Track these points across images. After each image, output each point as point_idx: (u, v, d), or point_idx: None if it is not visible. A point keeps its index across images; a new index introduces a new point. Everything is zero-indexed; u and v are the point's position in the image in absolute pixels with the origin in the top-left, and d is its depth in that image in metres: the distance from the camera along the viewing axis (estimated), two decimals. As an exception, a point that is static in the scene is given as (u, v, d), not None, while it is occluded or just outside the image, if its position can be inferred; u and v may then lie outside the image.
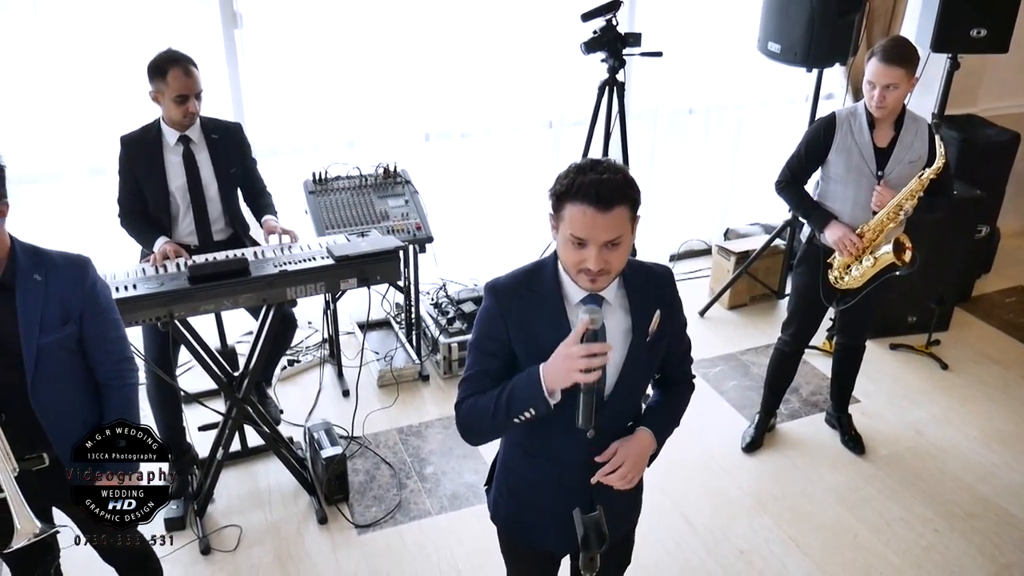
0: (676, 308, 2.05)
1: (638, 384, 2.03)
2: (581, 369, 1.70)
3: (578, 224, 1.77)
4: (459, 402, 1.97)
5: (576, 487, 2.02)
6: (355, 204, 3.98)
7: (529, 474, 2.10)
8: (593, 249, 1.77)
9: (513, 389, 1.84)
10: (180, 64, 3.15)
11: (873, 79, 3.11)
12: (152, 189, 3.30)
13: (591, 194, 1.74)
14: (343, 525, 3.42)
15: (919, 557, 3.31)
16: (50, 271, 2.18)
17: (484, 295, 1.99)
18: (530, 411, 1.80)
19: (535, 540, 2.16)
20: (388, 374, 4.22)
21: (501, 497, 2.19)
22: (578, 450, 1.98)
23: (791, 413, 4.11)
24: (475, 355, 1.97)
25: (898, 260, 3.19)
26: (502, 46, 4.43)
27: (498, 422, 1.85)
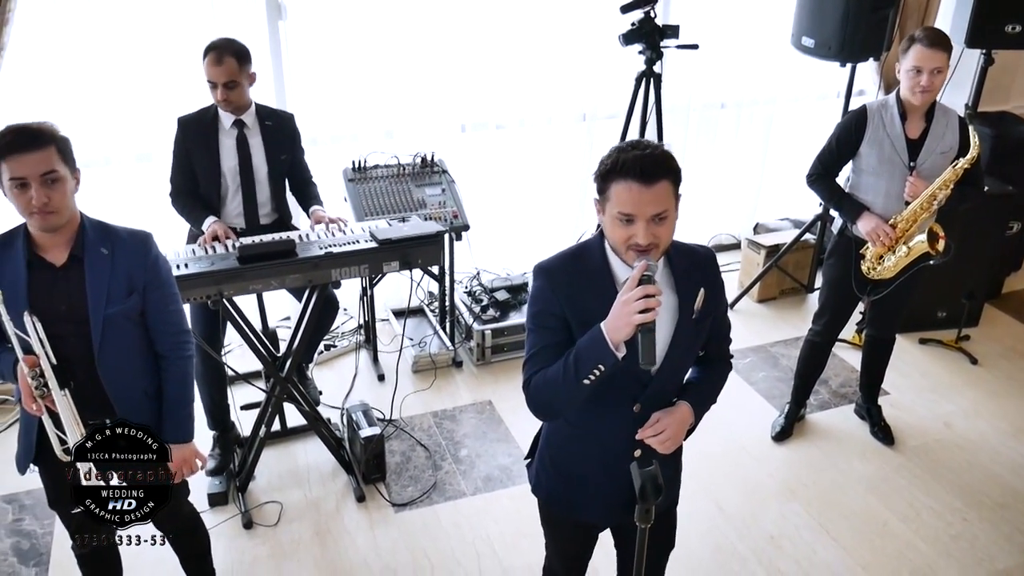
0: (719, 288, 2.11)
1: (683, 362, 2.09)
2: (639, 310, 1.76)
3: (624, 200, 1.83)
4: (527, 380, 2.02)
5: (619, 461, 2.08)
6: (393, 192, 4.06)
7: (573, 448, 2.17)
8: (641, 224, 1.83)
9: (578, 352, 1.89)
10: (212, 52, 3.25)
11: (920, 64, 3.14)
12: (204, 169, 3.41)
13: (635, 169, 1.81)
14: (380, 503, 3.50)
15: (948, 545, 3.34)
16: (116, 245, 2.28)
17: (533, 277, 2.05)
18: (599, 368, 1.84)
19: (576, 512, 2.23)
20: (423, 360, 4.30)
21: (544, 470, 2.26)
22: (623, 426, 2.05)
23: (820, 404, 4.15)
24: (535, 334, 2.02)
25: (932, 249, 3.23)
26: (537, 39, 4.50)
27: (569, 386, 1.89)
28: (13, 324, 2.16)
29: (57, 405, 2.17)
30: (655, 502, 1.52)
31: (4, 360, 2.24)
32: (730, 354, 2.28)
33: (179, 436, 2.41)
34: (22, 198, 2.10)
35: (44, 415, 2.19)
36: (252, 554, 3.25)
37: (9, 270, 2.19)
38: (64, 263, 2.23)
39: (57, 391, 2.16)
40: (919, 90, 3.18)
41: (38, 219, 2.14)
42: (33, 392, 2.15)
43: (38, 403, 2.17)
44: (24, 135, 2.09)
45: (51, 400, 2.17)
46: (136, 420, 2.32)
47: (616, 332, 1.81)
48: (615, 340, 1.81)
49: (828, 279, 3.68)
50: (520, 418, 4.01)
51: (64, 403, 2.17)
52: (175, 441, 2.39)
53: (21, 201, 2.11)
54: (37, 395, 2.15)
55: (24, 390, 2.17)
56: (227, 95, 3.27)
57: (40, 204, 2.10)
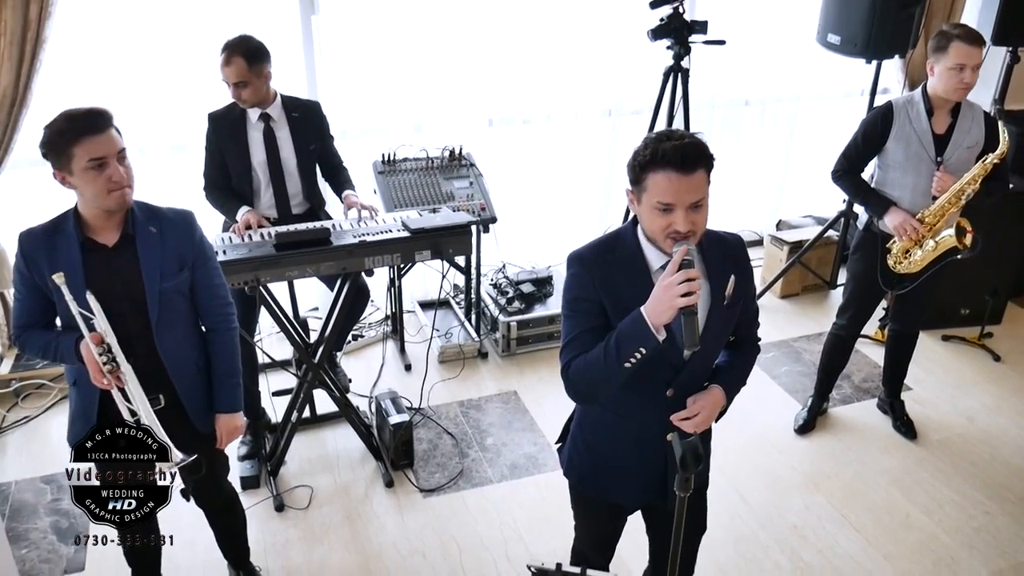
0: (748, 274, 2.16)
1: (715, 347, 2.14)
2: (682, 294, 1.80)
3: (664, 189, 1.87)
4: (566, 366, 2.06)
5: (652, 444, 2.14)
6: (422, 184, 4.13)
7: (606, 431, 2.22)
8: (680, 212, 1.87)
9: (620, 335, 1.93)
10: (223, 53, 3.32)
11: (963, 61, 3.16)
12: (235, 164, 3.48)
13: (675, 159, 1.84)
14: (408, 489, 3.57)
15: (970, 537, 3.37)
16: (163, 223, 2.36)
17: (568, 265, 2.09)
18: (640, 351, 1.89)
19: (608, 493, 2.28)
20: (449, 350, 4.36)
21: (576, 452, 2.31)
22: (656, 410, 2.10)
23: (843, 398, 4.18)
24: (572, 319, 2.07)
25: (960, 243, 3.26)
26: (563, 35, 4.56)
27: (610, 370, 1.94)
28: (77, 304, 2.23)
29: (126, 378, 2.25)
30: (695, 471, 1.58)
31: (63, 343, 2.31)
32: (758, 337, 2.32)
33: (230, 406, 2.50)
34: (100, 178, 2.17)
35: (113, 390, 2.26)
36: (284, 536, 3.32)
37: (64, 254, 2.26)
38: (116, 243, 2.31)
39: (125, 365, 2.23)
40: (961, 87, 3.20)
41: (117, 196, 2.21)
42: (102, 368, 2.22)
43: (108, 378, 2.24)
44: (95, 117, 2.16)
45: (118, 375, 2.24)
46: (190, 393, 2.43)
47: (658, 316, 1.86)
48: (656, 323, 1.86)
49: (853, 274, 3.71)
50: (545, 408, 4.07)
51: (132, 376, 2.25)
52: (227, 411, 2.49)
53: (98, 181, 2.17)
54: (106, 370, 2.22)
55: (92, 367, 2.24)
56: (239, 94, 3.35)
57: (120, 179, 2.18)
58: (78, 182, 2.19)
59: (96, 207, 2.24)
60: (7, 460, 3.71)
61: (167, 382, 2.40)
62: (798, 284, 5.09)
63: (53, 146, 2.17)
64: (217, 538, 2.98)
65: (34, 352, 2.41)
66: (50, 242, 2.28)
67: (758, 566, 3.22)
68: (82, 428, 2.44)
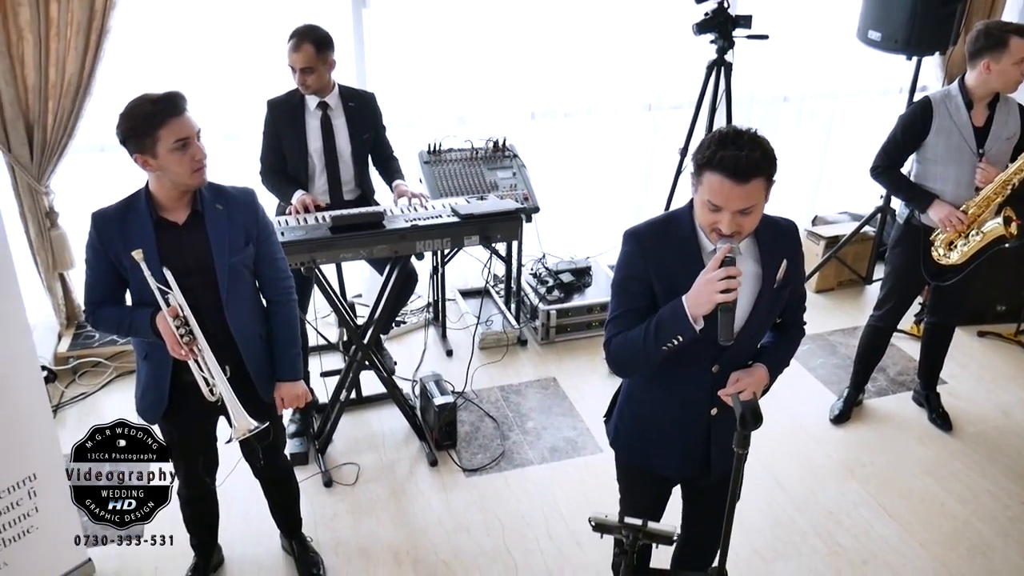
0: (799, 259, 2.23)
1: (762, 326, 2.21)
2: (720, 290, 1.89)
3: (715, 192, 1.93)
4: (608, 340, 2.17)
5: (697, 418, 2.23)
6: (466, 174, 4.23)
7: (654, 404, 2.30)
8: (727, 215, 1.93)
9: (659, 320, 2.03)
10: (292, 39, 3.45)
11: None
12: (292, 149, 3.60)
13: (729, 168, 1.90)
14: (452, 468, 3.67)
15: (1005, 526, 3.41)
16: (229, 201, 2.48)
17: (624, 242, 2.17)
18: (677, 338, 1.98)
19: (653, 464, 2.36)
20: (490, 337, 4.47)
21: (623, 424, 2.40)
22: (701, 384, 2.18)
23: (878, 391, 4.23)
24: (620, 297, 2.16)
25: (1007, 232, 3.31)
26: (604, 30, 4.64)
27: (648, 351, 2.04)
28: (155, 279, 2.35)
29: (201, 349, 2.37)
30: (754, 428, 1.66)
31: (138, 318, 2.43)
32: (804, 321, 2.39)
33: (292, 374, 2.62)
34: (185, 157, 2.30)
35: (190, 360, 2.39)
36: (333, 510, 3.44)
37: (138, 232, 2.38)
38: (185, 221, 2.43)
39: (201, 336, 2.36)
40: (1021, 80, 3.28)
41: (199, 175, 2.35)
42: (180, 339, 2.34)
43: (185, 349, 2.36)
44: (178, 99, 2.29)
45: (194, 346, 2.36)
46: (255, 362, 2.56)
47: (697, 307, 1.94)
48: (695, 314, 1.95)
49: (894, 267, 3.75)
50: (584, 394, 4.16)
51: (206, 347, 2.37)
52: (289, 379, 2.62)
53: (184, 160, 2.30)
54: (184, 342, 2.35)
55: (170, 339, 2.37)
56: (304, 79, 3.46)
57: (203, 157, 2.32)
58: (163, 163, 2.30)
59: (178, 186, 2.36)
60: (66, 433, 3.83)
61: (234, 353, 2.52)
62: (834, 279, 5.14)
63: (138, 130, 2.27)
64: (272, 509, 3.10)
65: (107, 327, 2.54)
66: (123, 221, 2.40)
67: (795, 549, 3.29)
68: (153, 398, 2.57)
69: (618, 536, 1.82)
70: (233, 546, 3.23)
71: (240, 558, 3.20)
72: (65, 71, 3.77)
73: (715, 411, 2.19)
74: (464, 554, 3.23)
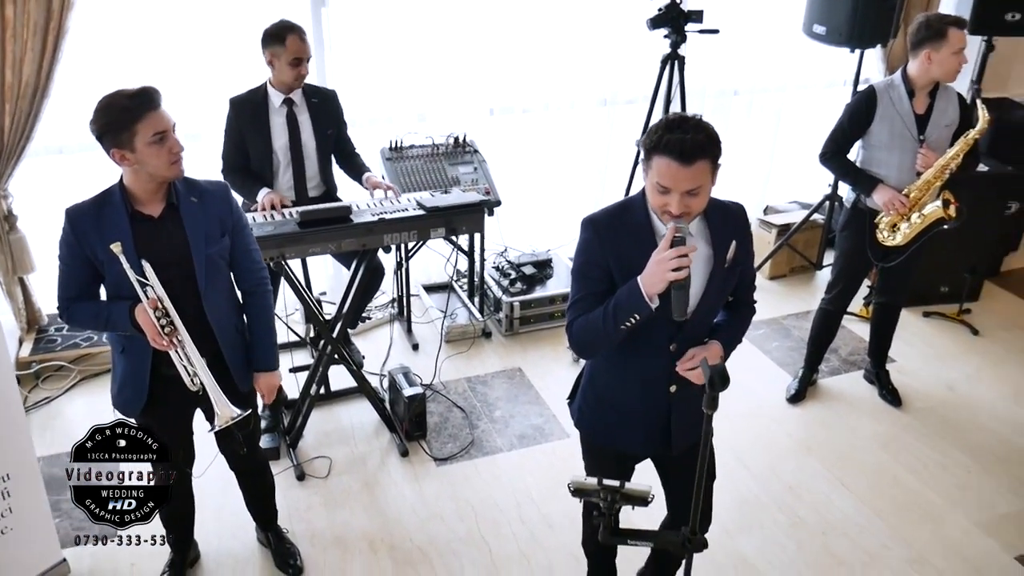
0: (748, 240, 2.35)
1: (715, 304, 2.32)
2: (672, 269, 2.01)
3: (663, 174, 2.05)
4: (570, 323, 2.27)
5: (657, 396, 2.34)
6: (428, 170, 4.30)
7: (615, 384, 2.40)
8: (676, 196, 2.05)
9: (617, 301, 2.14)
10: (297, 31, 3.51)
11: (963, 45, 3.41)
12: (257, 146, 3.64)
13: (675, 151, 2.01)
14: (423, 458, 3.73)
15: (955, 495, 3.59)
16: (203, 194, 2.52)
17: (582, 229, 2.26)
18: (635, 316, 2.10)
19: (616, 442, 2.46)
20: (455, 330, 4.54)
21: (586, 405, 2.50)
22: (660, 361, 2.28)
23: (831, 370, 4.39)
24: (580, 282, 2.27)
25: (945, 214, 3.48)
26: (560, 28, 4.74)
27: (608, 331, 2.15)
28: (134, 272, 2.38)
29: (182, 339, 2.40)
30: (722, 390, 1.76)
31: (116, 311, 2.45)
32: (754, 300, 2.51)
33: (269, 364, 2.67)
34: (163, 151, 2.33)
35: (171, 350, 2.42)
36: (306, 502, 3.48)
37: (114, 225, 2.40)
38: (161, 214, 2.46)
39: (181, 326, 2.39)
40: (959, 69, 3.45)
41: (176, 167, 2.39)
42: (161, 330, 2.37)
43: (166, 339, 2.39)
44: (153, 93, 2.32)
45: (176, 336, 2.39)
46: (232, 352, 2.60)
47: (651, 286, 2.06)
48: (650, 293, 2.07)
49: (843, 250, 3.91)
50: (548, 383, 4.25)
51: (187, 337, 2.41)
52: (265, 369, 2.66)
53: (162, 153, 2.34)
54: (165, 332, 2.38)
55: (151, 330, 2.39)
56: (301, 70, 3.55)
57: (179, 150, 2.36)
58: (141, 156, 2.33)
59: (155, 178, 2.39)
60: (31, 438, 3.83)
61: (212, 343, 2.55)
62: (786, 266, 5.31)
63: (116, 124, 2.30)
64: (248, 502, 3.13)
65: (83, 322, 2.56)
66: (98, 215, 2.42)
67: (758, 523, 3.42)
68: (132, 393, 2.59)
69: (596, 500, 1.90)
70: (209, 541, 3.25)
71: (216, 552, 3.23)
72: (22, 73, 3.74)
73: (674, 388, 2.30)
74: (439, 540, 3.29)
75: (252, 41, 3.64)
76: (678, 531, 1.94)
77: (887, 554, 3.28)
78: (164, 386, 2.57)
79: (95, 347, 4.26)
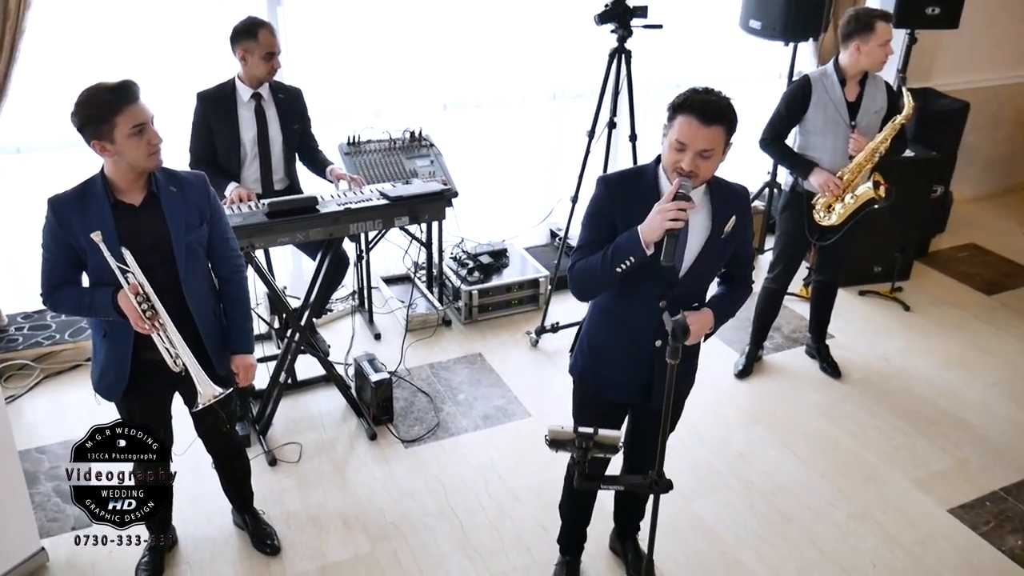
0: (748, 221, 2.56)
1: (707, 270, 2.53)
2: (670, 219, 2.21)
3: (683, 131, 2.26)
4: (572, 264, 2.49)
5: (643, 348, 2.54)
6: (386, 164, 4.42)
7: (608, 335, 2.60)
8: (690, 154, 2.26)
9: (616, 244, 2.35)
10: (267, 26, 3.63)
11: (889, 37, 3.67)
12: (224, 140, 3.73)
13: (698, 110, 2.24)
14: (391, 441, 3.86)
15: (891, 455, 3.85)
16: (182, 183, 2.61)
17: (596, 185, 2.49)
18: (629, 260, 2.31)
19: (603, 389, 2.67)
20: (416, 319, 4.67)
21: (581, 355, 2.71)
22: (649, 316, 2.49)
23: (775, 347, 4.64)
24: (587, 229, 2.49)
25: (876, 195, 3.73)
26: (511, 25, 4.90)
27: (605, 272, 2.36)
28: None
29: (164, 322, 2.49)
30: (683, 341, 1.94)
31: (98, 297, 2.53)
32: (751, 280, 2.71)
33: (245, 347, 2.78)
34: (141, 142, 2.42)
35: (153, 334, 2.51)
36: (280, 486, 3.57)
37: (95, 214, 2.49)
38: (142, 203, 2.55)
39: (162, 310, 2.48)
40: (885, 60, 3.71)
41: (155, 158, 2.48)
42: (143, 315, 2.46)
43: (148, 323, 2.48)
44: (132, 87, 2.41)
45: (158, 320, 2.48)
46: (210, 336, 2.70)
47: (649, 233, 2.27)
48: (647, 240, 2.27)
49: (783, 231, 4.15)
50: (509, 367, 4.41)
51: (169, 320, 2.50)
52: (242, 352, 2.77)
53: (140, 144, 2.42)
54: (147, 317, 2.47)
55: (133, 314, 2.48)
56: (274, 64, 3.68)
57: (158, 142, 2.45)
58: (121, 148, 2.42)
59: (134, 168, 2.48)
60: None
61: (191, 328, 2.65)
62: (730, 251, 5.54)
63: (96, 117, 2.39)
64: (225, 486, 3.22)
65: (67, 308, 2.63)
66: (81, 205, 2.50)
67: (712, 488, 3.63)
68: (114, 377, 2.67)
69: (570, 449, 2.07)
70: (185, 526, 3.33)
71: (193, 536, 3.31)
72: (-20, 73, 3.76)
73: (659, 343, 2.50)
74: (411, 516, 3.43)
75: (212, 38, 3.72)
76: (644, 475, 2.11)
77: (832, 510, 3.51)
78: (145, 370, 2.66)
79: (57, 345, 4.28)
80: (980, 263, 5.66)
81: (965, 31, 5.15)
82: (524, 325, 4.75)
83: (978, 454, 3.87)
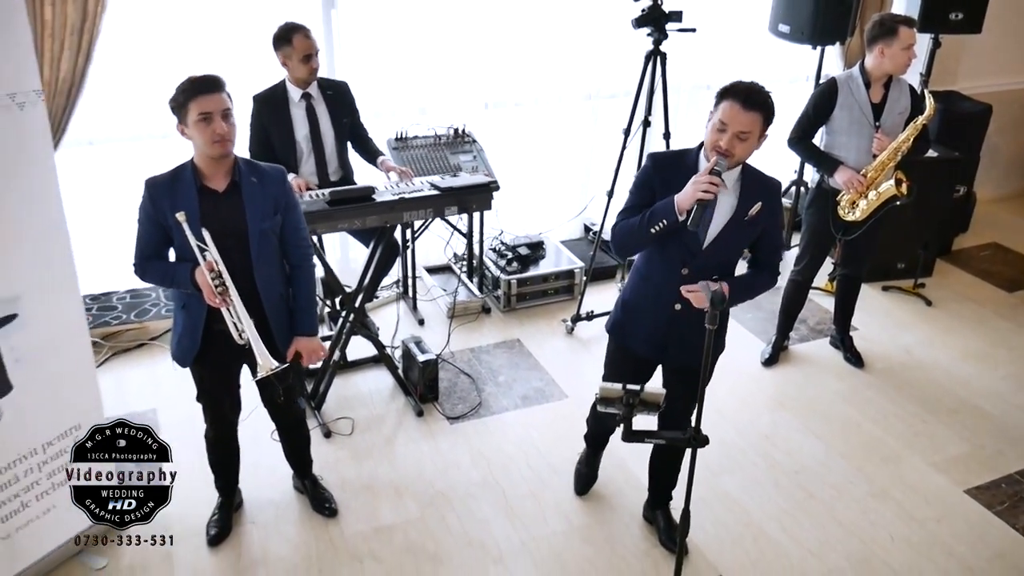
0: (777, 211, 2.87)
1: (727, 248, 2.80)
2: (702, 189, 2.52)
3: (725, 113, 2.58)
4: (615, 224, 2.84)
5: (664, 309, 2.86)
6: (432, 158, 4.67)
7: (635, 292, 2.95)
8: (729, 134, 2.57)
9: (654, 209, 2.69)
10: (301, 30, 3.87)
11: (912, 41, 3.88)
12: (280, 138, 4.00)
13: (741, 94, 2.56)
14: (437, 418, 4.11)
15: (911, 440, 4.05)
16: (262, 175, 2.88)
17: (646, 160, 2.84)
18: (663, 222, 2.64)
19: (627, 342, 3.00)
20: (456, 306, 4.92)
21: (615, 311, 3.05)
22: (672, 279, 2.80)
23: (800, 338, 4.85)
24: (633, 195, 2.82)
25: (898, 192, 3.94)
26: (549, 27, 5.14)
27: (642, 230, 2.70)
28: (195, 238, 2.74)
29: (233, 299, 2.76)
30: (720, 308, 2.20)
31: (180, 271, 2.81)
32: (778, 269, 2.96)
33: (311, 329, 3.03)
34: (207, 130, 2.68)
35: (223, 308, 2.77)
36: (335, 456, 3.84)
37: (183, 197, 2.77)
38: (225, 189, 2.82)
39: (233, 288, 2.75)
40: (909, 63, 3.92)
41: (218, 147, 2.72)
42: (215, 290, 2.73)
43: (219, 298, 2.75)
44: (209, 80, 2.69)
45: (228, 296, 2.75)
46: (275, 316, 2.95)
47: (683, 201, 2.59)
48: (681, 207, 2.60)
49: (808, 226, 4.36)
50: (546, 352, 4.65)
51: (237, 297, 2.76)
52: (309, 333, 3.02)
53: (206, 132, 2.68)
54: (218, 292, 2.73)
55: (206, 289, 2.75)
56: (313, 65, 3.91)
57: (222, 133, 2.70)
58: (191, 132, 2.71)
59: (204, 155, 2.75)
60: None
61: (259, 308, 2.90)
62: (757, 247, 5.75)
63: (177, 101, 2.70)
64: (287, 452, 3.49)
65: (153, 278, 2.92)
66: (172, 187, 2.78)
67: (738, 465, 3.85)
68: (188, 343, 2.94)
69: (617, 407, 2.31)
70: (249, 490, 3.59)
71: (257, 499, 3.58)
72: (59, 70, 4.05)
73: (678, 307, 2.80)
74: (457, 484, 3.68)
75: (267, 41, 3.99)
76: (682, 430, 2.35)
77: (852, 488, 3.72)
78: (215, 340, 2.93)
79: (123, 324, 4.58)
80: (1002, 261, 5.83)
81: (988, 36, 5.33)
82: (560, 313, 4.99)
83: (995, 440, 4.06)
